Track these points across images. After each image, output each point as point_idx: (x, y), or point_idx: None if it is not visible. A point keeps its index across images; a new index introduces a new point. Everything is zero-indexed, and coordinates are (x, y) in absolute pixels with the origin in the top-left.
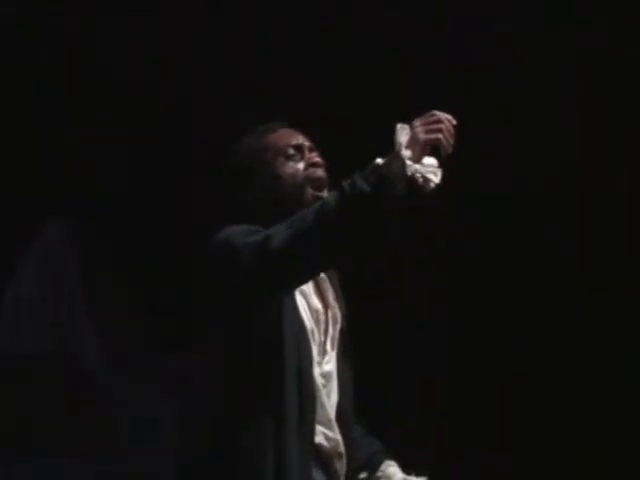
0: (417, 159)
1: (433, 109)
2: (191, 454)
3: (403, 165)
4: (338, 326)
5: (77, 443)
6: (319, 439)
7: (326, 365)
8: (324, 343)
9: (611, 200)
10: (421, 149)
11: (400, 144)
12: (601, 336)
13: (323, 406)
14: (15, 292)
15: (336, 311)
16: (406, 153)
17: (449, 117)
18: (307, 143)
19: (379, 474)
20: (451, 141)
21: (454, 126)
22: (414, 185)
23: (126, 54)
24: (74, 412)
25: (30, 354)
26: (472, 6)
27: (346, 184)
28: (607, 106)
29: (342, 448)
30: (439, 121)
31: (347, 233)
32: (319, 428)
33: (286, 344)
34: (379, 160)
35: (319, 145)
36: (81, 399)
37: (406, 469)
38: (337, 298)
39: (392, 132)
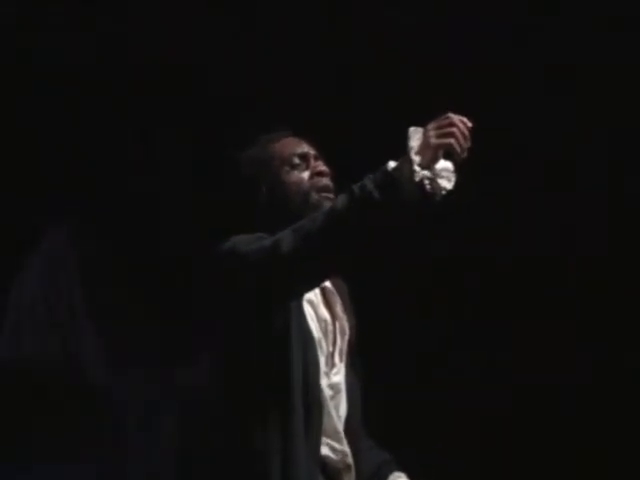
0: (427, 164)
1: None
2: (192, 457)
3: (412, 171)
4: (346, 337)
5: (77, 443)
6: (326, 451)
7: (334, 376)
8: (332, 354)
9: None
10: (432, 154)
11: (411, 148)
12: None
13: (330, 417)
14: (18, 294)
15: (344, 323)
16: (416, 158)
17: (464, 120)
18: (312, 152)
19: None
20: (465, 145)
21: (470, 129)
22: (424, 190)
23: (126, 54)
24: (74, 413)
25: (30, 354)
26: (472, 6)
27: (356, 187)
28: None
29: (350, 460)
30: (451, 124)
31: (356, 235)
32: (326, 440)
33: (293, 352)
34: (391, 163)
35: (321, 148)
36: (81, 399)
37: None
38: (346, 310)
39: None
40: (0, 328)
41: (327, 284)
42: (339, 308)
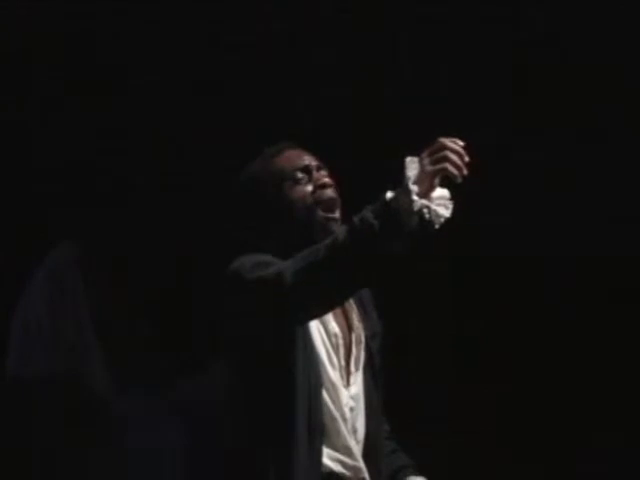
0: (425, 193)
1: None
2: (194, 461)
3: (410, 201)
4: (362, 346)
5: (78, 457)
6: (338, 467)
7: (353, 387)
8: (347, 366)
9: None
10: (429, 182)
11: (408, 178)
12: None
13: (340, 433)
14: (23, 310)
15: (360, 332)
16: (414, 188)
17: (455, 140)
18: (314, 163)
19: None
20: (461, 165)
21: (463, 148)
22: (423, 219)
23: (127, 55)
24: (74, 414)
25: (37, 371)
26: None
27: (356, 219)
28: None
29: (365, 475)
30: (443, 148)
31: (358, 267)
32: (337, 456)
33: (297, 372)
34: (389, 194)
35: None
36: (82, 401)
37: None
38: (362, 318)
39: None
40: (7, 345)
41: None
42: (355, 317)
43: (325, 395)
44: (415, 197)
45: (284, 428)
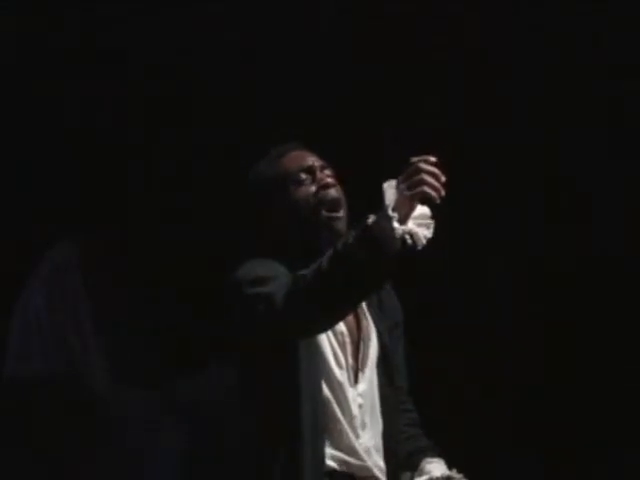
0: (405, 217)
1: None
2: (195, 460)
3: (392, 228)
4: (371, 343)
5: (77, 443)
6: (340, 467)
7: (361, 384)
8: (356, 363)
9: None
10: (408, 206)
11: (387, 205)
12: None
13: (342, 433)
14: (23, 308)
15: (370, 328)
16: (394, 215)
17: (428, 159)
18: (318, 163)
19: (417, 473)
20: (437, 187)
21: (436, 165)
22: (405, 244)
23: (126, 58)
24: (74, 413)
25: (37, 370)
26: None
27: (339, 245)
28: None
29: (375, 472)
30: (418, 171)
31: (344, 292)
32: (340, 456)
33: (300, 373)
34: (370, 219)
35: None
36: (82, 401)
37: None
38: (377, 312)
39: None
40: (7, 345)
41: None
42: (364, 314)
43: (329, 395)
44: (396, 224)
45: (286, 428)
